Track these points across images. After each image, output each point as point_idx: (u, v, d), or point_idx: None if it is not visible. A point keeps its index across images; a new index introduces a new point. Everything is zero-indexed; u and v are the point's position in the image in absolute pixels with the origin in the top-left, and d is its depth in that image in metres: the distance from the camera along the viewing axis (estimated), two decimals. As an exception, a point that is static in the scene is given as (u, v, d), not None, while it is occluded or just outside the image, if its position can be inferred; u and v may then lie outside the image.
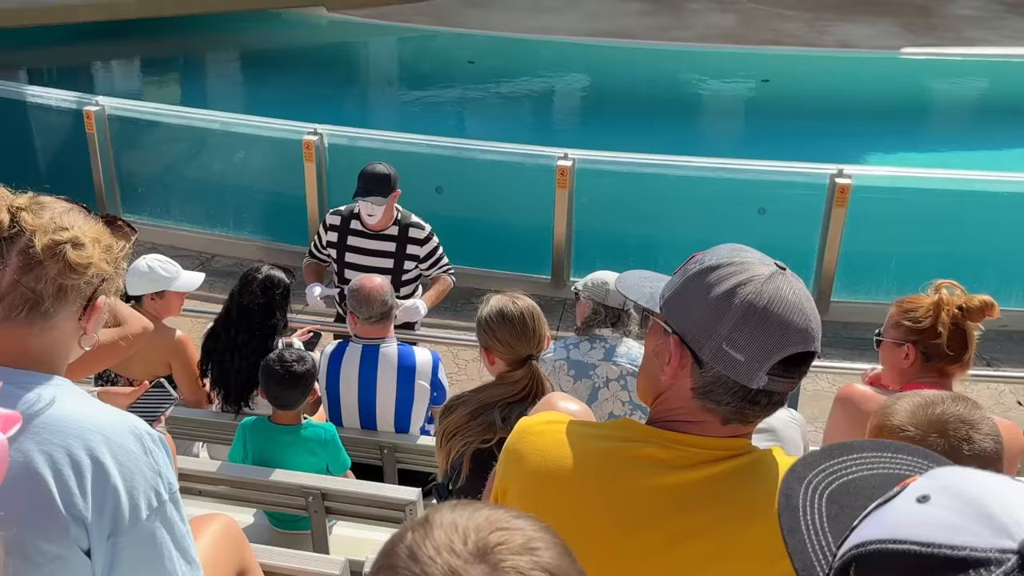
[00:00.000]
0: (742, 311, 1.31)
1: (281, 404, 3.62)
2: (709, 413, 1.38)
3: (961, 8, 15.23)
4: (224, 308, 4.14)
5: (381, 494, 3.32)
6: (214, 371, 4.09)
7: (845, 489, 0.97)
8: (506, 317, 2.91)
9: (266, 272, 4.08)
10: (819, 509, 0.96)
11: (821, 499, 0.96)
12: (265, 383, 3.63)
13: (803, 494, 0.97)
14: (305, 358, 3.64)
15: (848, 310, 6.91)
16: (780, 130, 11.13)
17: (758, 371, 1.31)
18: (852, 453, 1.02)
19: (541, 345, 2.96)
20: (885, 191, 7.31)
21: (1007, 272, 6.95)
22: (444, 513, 0.92)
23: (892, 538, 0.78)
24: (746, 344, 1.31)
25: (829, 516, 0.94)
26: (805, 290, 1.37)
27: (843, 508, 0.94)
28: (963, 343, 2.56)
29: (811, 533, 0.94)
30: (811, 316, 1.34)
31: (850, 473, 0.99)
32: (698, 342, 1.35)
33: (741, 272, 1.34)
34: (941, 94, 13.40)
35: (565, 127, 12.07)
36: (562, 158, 6.96)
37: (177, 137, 8.52)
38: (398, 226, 4.81)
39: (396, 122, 11.22)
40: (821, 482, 0.98)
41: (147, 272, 4.06)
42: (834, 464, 1.00)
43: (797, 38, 13.51)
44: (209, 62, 14.64)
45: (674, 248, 7.27)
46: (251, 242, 7.87)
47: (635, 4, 15.15)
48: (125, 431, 1.52)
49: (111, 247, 1.62)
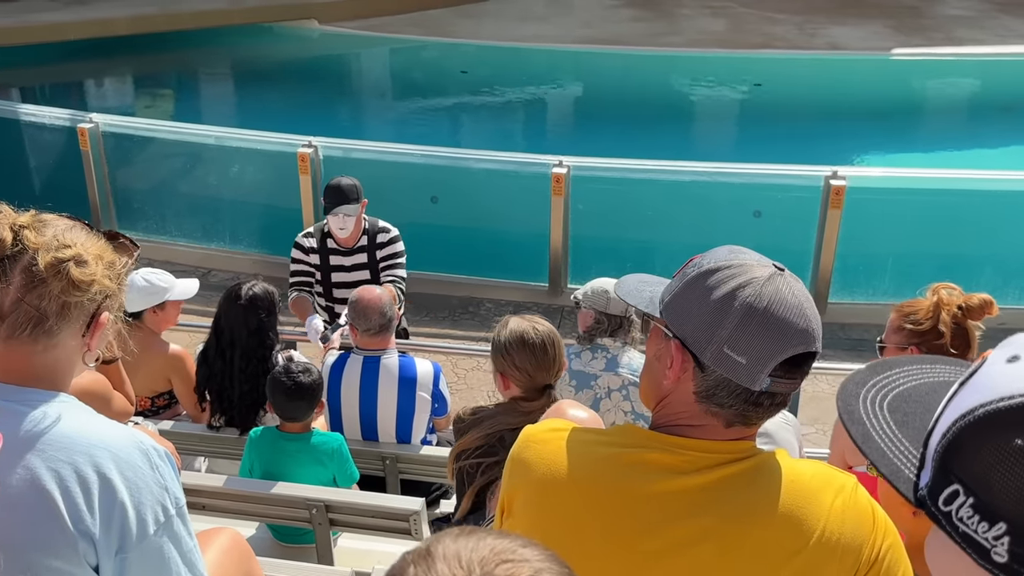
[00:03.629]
0: (742, 314, 1.31)
1: (289, 417, 3.60)
2: (712, 416, 1.38)
3: (950, 8, 15.29)
4: (213, 330, 4.04)
5: (385, 505, 3.31)
6: (214, 398, 4.04)
7: (901, 398, 0.99)
8: (527, 343, 2.78)
9: (247, 292, 3.97)
10: (884, 418, 0.97)
11: (882, 410, 0.98)
12: (272, 396, 3.60)
13: (863, 407, 0.99)
14: (311, 369, 3.62)
15: (845, 311, 6.93)
16: (774, 133, 11.16)
17: (760, 373, 1.32)
18: (895, 368, 1.05)
19: (560, 373, 2.86)
20: (880, 192, 7.33)
21: (1004, 270, 6.97)
22: (447, 543, 0.87)
23: (998, 397, 0.78)
24: (747, 346, 1.31)
25: (897, 423, 0.96)
26: (804, 290, 1.37)
27: (907, 415, 0.96)
28: (966, 342, 2.57)
29: (886, 440, 0.94)
30: (811, 316, 1.34)
31: (900, 384, 1.02)
32: (699, 345, 1.35)
33: (740, 275, 1.34)
34: (932, 94, 13.45)
35: (559, 134, 12.09)
36: (557, 165, 6.98)
37: (171, 152, 8.53)
38: (367, 235, 4.95)
39: (390, 133, 11.23)
40: (876, 395, 1.00)
41: (146, 286, 4.06)
42: (882, 379, 1.03)
43: (788, 41, 13.55)
44: (202, 77, 14.65)
45: (671, 253, 7.28)
46: (247, 256, 7.87)
47: (626, 11, 15.19)
48: (131, 447, 1.52)
49: (114, 263, 1.63)
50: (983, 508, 0.78)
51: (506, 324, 2.89)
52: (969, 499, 0.79)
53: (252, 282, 4.08)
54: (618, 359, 3.62)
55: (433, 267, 7.41)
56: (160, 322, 4.16)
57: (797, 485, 1.37)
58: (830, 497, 1.37)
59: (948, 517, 0.81)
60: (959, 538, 0.80)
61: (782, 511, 1.35)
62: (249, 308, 3.95)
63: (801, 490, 1.37)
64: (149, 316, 4.11)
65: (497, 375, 2.88)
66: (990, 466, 0.77)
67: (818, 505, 1.36)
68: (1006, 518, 0.76)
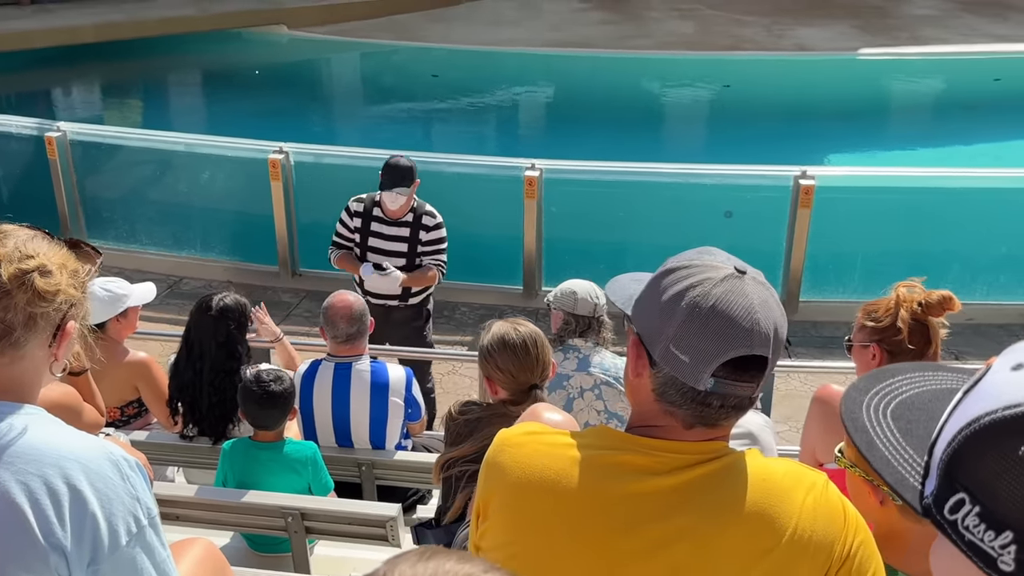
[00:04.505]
0: (687, 313, 1.33)
1: (261, 425, 3.58)
2: (671, 416, 1.39)
3: (916, 8, 15.48)
4: (183, 341, 4.01)
5: (361, 511, 3.30)
6: (186, 409, 4.01)
7: (904, 406, 0.99)
8: (508, 345, 2.78)
9: (218, 304, 3.94)
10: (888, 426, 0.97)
11: (885, 417, 0.98)
12: (244, 405, 3.58)
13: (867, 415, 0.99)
14: (283, 377, 3.61)
15: (817, 309, 6.99)
16: (743, 134, 11.25)
17: (703, 373, 1.32)
18: (897, 375, 1.05)
19: (545, 373, 2.84)
20: (848, 191, 7.41)
21: (972, 266, 7.06)
22: (403, 569, 0.84)
23: (1003, 405, 0.77)
24: (689, 345, 1.32)
25: (901, 431, 0.95)
26: (764, 295, 1.36)
27: (910, 423, 0.96)
28: (926, 338, 2.60)
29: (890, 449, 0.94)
30: (761, 320, 1.32)
31: (903, 392, 1.01)
32: (651, 342, 1.37)
33: (695, 275, 1.36)
34: (899, 93, 13.61)
35: (531, 137, 12.12)
36: (529, 168, 6.99)
37: (141, 160, 8.47)
38: (413, 213, 5.12)
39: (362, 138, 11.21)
40: (880, 403, 1.00)
41: (107, 296, 4.05)
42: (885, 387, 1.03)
43: (756, 43, 13.67)
44: (171, 84, 14.56)
45: (644, 254, 7.32)
46: (219, 263, 7.82)
47: (595, 14, 15.26)
48: (101, 458, 1.51)
49: (77, 271, 1.61)
50: (989, 517, 0.77)
51: (489, 328, 2.89)
52: (975, 508, 0.78)
53: (224, 293, 4.05)
54: (590, 359, 3.64)
55: (406, 272, 7.40)
56: (122, 330, 4.15)
57: (769, 484, 1.38)
58: (801, 495, 1.38)
59: (954, 526, 0.80)
60: (965, 547, 0.79)
61: (754, 510, 1.36)
62: (219, 319, 3.92)
63: (773, 489, 1.38)
64: (112, 325, 4.10)
65: (485, 380, 2.88)
66: (996, 475, 0.76)
67: (790, 503, 1.37)
68: (1013, 527, 0.76)
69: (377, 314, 4.90)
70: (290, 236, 7.54)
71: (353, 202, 5.22)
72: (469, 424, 2.75)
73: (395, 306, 5.22)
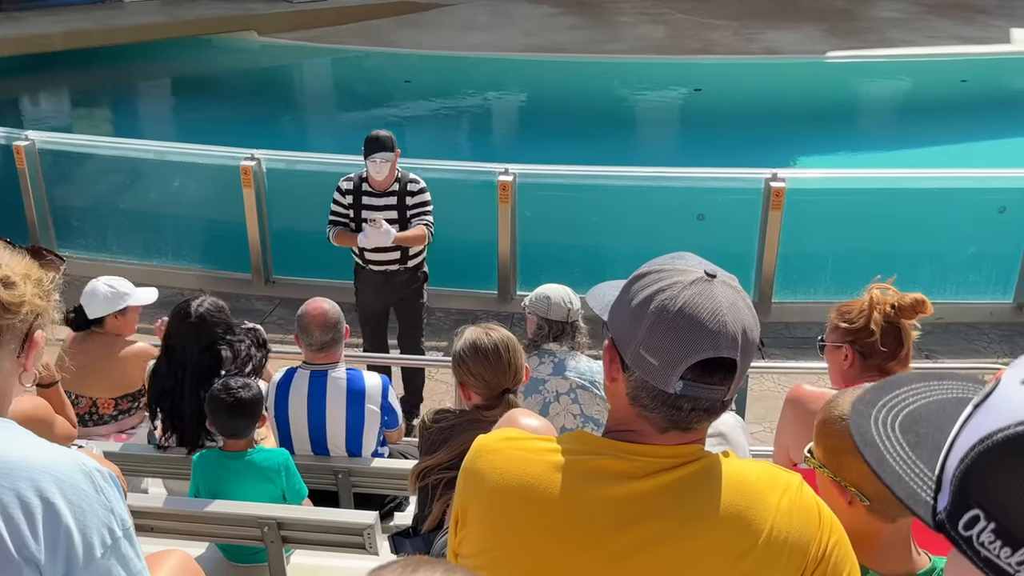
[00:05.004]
0: (655, 316, 1.34)
1: (231, 434, 3.56)
2: (644, 421, 1.40)
3: (883, 11, 15.66)
4: (163, 350, 3.99)
5: (338, 520, 3.29)
6: (165, 416, 3.97)
7: (912, 418, 0.99)
8: (479, 349, 2.78)
9: (197, 309, 3.93)
10: (897, 440, 0.96)
11: (894, 430, 0.97)
12: (213, 414, 3.56)
13: (875, 429, 0.98)
14: (251, 384, 3.59)
15: (789, 310, 7.05)
16: (715, 137, 11.33)
17: (671, 376, 1.33)
18: (903, 386, 1.04)
19: (518, 378, 2.83)
20: (818, 192, 7.48)
21: (941, 265, 7.15)
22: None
23: (1016, 422, 0.77)
24: (658, 348, 1.34)
25: (910, 444, 0.95)
26: (734, 298, 1.36)
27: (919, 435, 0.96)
28: (898, 340, 2.63)
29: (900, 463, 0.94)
30: (729, 323, 1.33)
31: (910, 403, 1.01)
32: (623, 346, 1.39)
33: (665, 279, 1.37)
34: (867, 95, 13.75)
35: (504, 142, 12.14)
36: (503, 173, 7.00)
37: (111, 168, 8.39)
38: (399, 182, 5.53)
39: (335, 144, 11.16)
40: (887, 416, 1.00)
41: (108, 292, 4.17)
42: (892, 399, 1.02)
43: (726, 47, 13.76)
44: (141, 91, 14.44)
45: (618, 258, 7.35)
46: (191, 271, 7.77)
47: (566, 19, 15.31)
48: (74, 469, 1.50)
49: (41, 280, 1.60)
50: (1005, 534, 0.77)
51: (461, 334, 2.89)
52: (990, 524, 0.78)
53: (200, 298, 4.03)
54: (565, 363, 3.65)
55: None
56: (121, 327, 4.27)
57: (744, 486, 1.40)
58: (776, 497, 1.40)
59: (969, 542, 0.80)
60: (981, 563, 0.79)
61: (731, 512, 1.37)
62: (200, 325, 3.91)
63: (748, 491, 1.39)
64: (111, 321, 4.23)
65: (459, 386, 2.88)
66: (1011, 492, 0.76)
67: (765, 505, 1.38)
68: None
69: (379, 279, 5.59)
70: (263, 243, 7.51)
71: (343, 182, 5.60)
72: (443, 432, 2.75)
73: (395, 270, 5.61)
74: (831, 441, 1.75)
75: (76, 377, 4.08)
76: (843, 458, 1.72)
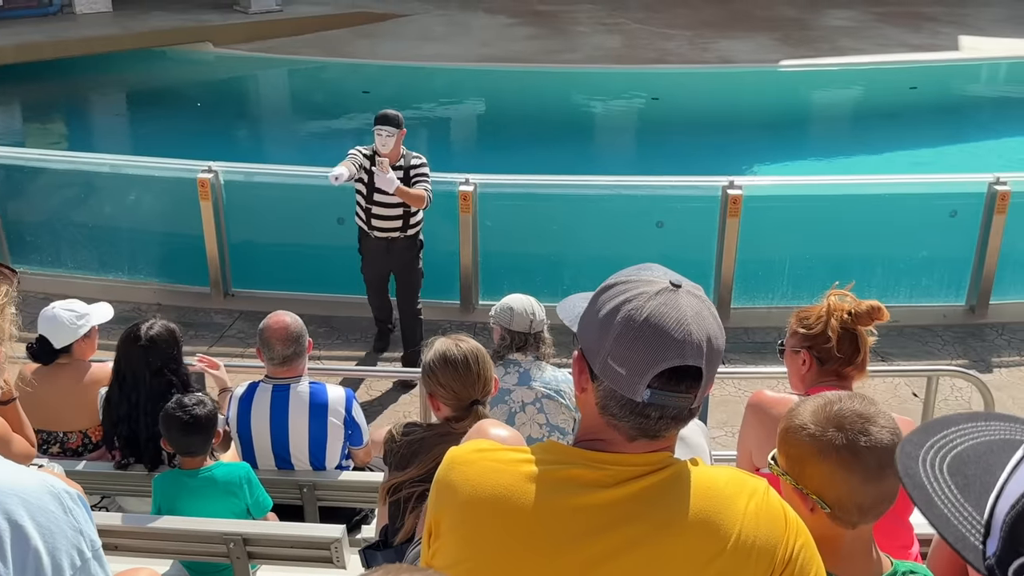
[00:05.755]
0: (622, 326, 1.37)
1: (186, 451, 3.54)
2: (614, 430, 1.43)
3: (833, 20, 15.93)
4: (114, 375, 3.93)
5: (305, 534, 3.27)
6: (122, 443, 3.91)
7: (960, 460, 0.98)
8: (449, 361, 2.79)
9: (147, 333, 3.88)
10: (945, 481, 0.95)
11: (942, 472, 0.97)
12: (168, 432, 3.53)
13: (924, 471, 0.97)
14: (205, 401, 3.56)
15: (747, 316, 7.13)
16: (672, 145, 11.44)
17: (638, 384, 1.36)
18: (950, 427, 1.03)
19: (487, 389, 2.85)
20: (774, 199, 7.58)
21: (894, 270, 7.28)
22: None
23: None
24: (625, 357, 1.36)
25: (959, 487, 0.94)
26: (699, 307, 1.40)
27: (967, 478, 0.95)
28: (854, 346, 2.69)
29: (948, 506, 0.93)
30: (694, 332, 1.36)
31: (958, 444, 1.00)
32: (591, 356, 1.42)
33: (631, 290, 1.40)
34: (820, 103, 13.98)
35: (464, 152, 12.15)
36: (463, 183, 7.01)
37: (65, 183, 8.27)
38: (403, 159, 6.19)
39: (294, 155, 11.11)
40: (934, 457, 0.99)
41: (71, 317, 4.03)
42: (939, 439, 1.01)
43: (681, 56, 13.91)
44: (95, 105, 14.23)
45: (578, 266, 7.40)
46: (148, 286, 7.67)
47: (523, 29, 15.38)
48: (42, 491, 1.48)
49: None
50: None
51: (431, 345, 2.90)
52: None
53: (151, 321, 3.98)
54: (530, 373, 3.66)
55: (342, 289, 7.35)
56: (87, 349, 4.15)
57: (712, 492, 1.42)
58: (744, 502, 1.43)
59: None
60: None
61: (699, 518, 1.40)
62: (150, 349, 3.85)
63: (716, 496, 1.42)
64: (78, 346, 4.09)
65: (428, 397, 2.89)
66: None
67: (733, 510, 1.41)
68: None
69: (381, 246, 6.25)
70: (221, 256, 7.44)
71: (360, 148, 6.30)
72: (412, 445, 2.75)
73: (396, 237, 6.24)
74: (793, 449, 1.78)
75: (54, 414, 4.02)
76: (805, 466, 1.76)
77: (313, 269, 7.53)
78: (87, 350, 4.14)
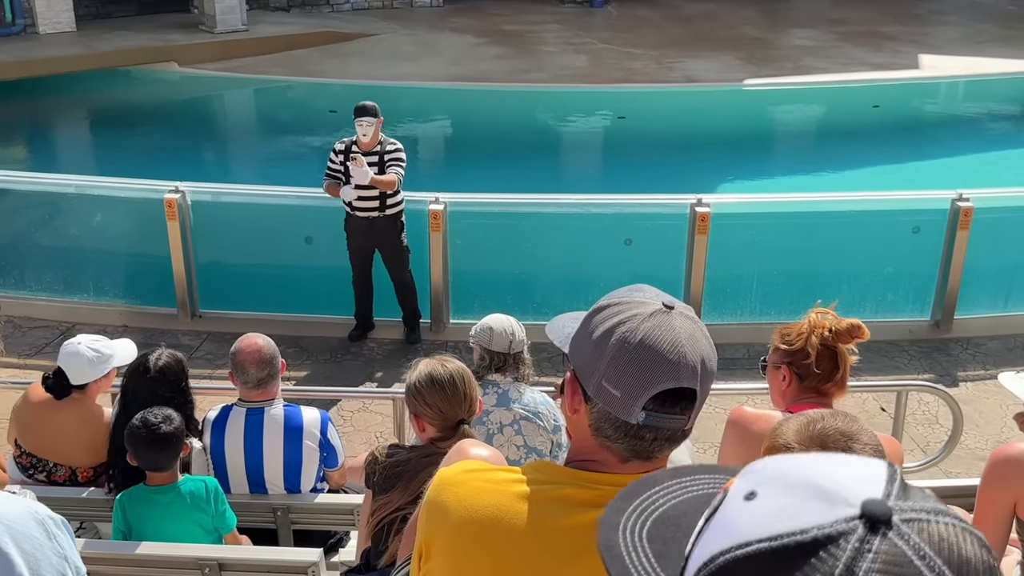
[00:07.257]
0: (616, 348, 1.37)
1: (153, 468, 3.52)
2: (607, 451, 1.43)
3: (796, 39, 16.17)
4: (121, 406, 3.85)
5: (282, 558, 3.24)
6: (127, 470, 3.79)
7: (660, 523, 0.92)
8: (435, 381, 2.79)
9: (156, 364, 3.84)
10: (644, 551, 0.89)
11: (641, 540, 0.91)
12: (134, 449, 3.49)
13: (623, 541, 0.91)
14: (172, 417, 3.53)
15: (716, 332, 6.95)
16: (640, 164, 11.53)
17: (633, 406, 1.37)
18: (652, 487, 0.98)
19: (473, 408, 2.85)
20: (742, 216, 7.67)
21: (859, 285, 7.37)
22: None
23: (736, 544, 0.74)
24: (619, 380, 1.37)
25: (656, 555, 0.88)
26: (692, 329, 1.40)
27: (666, 542, 0.89)
28: (833, 363, 2.73)
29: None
30: (688, 354, 1.37)
31: (661, 506, 0.95)
32: (585, 378, 1.42)
33: (624, 312, 1.41)
34: (785, 121, 14.17)
35: (433, 171, 12.16)
36: (433, 202, 7.02)
37: (29, 204, 8.17)
38: (380, 145, 6.71)
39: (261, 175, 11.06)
40: (635, 523, 0.93)
41: (94, 356, 3.96)
42: (640, 503, 0.96)
43: (647, 75, 14.04)
44: (59, 125, 14.06)
45: (549, 284, 7.42)
46: (114, 307, 7.58)
47: (491, 49, 15.45)
48: (26, 518, 1.47)
49: None
50: None
51: (416, 365, 2.89)
52: None
53: (158, 352, 3.93)
54: (509, 394, 3.66)
55: (310, 309, 7.33)
56: (102, 387, 4.11)
57: None
58: None
59: None
60: None
61: None
62: (160, 380, 3.81)
63: None
64: (94, 384, 4.03)
65: (412, 418, 2.87)
66: None
67: None
68: None
69: (363, 225, 6.70)
70: (188, 277, 7.38)
71: (337, 144, 6.80)
72: (396, 467, 2.74)
73: (376, 217, 6.68)
74: None
75: (52, 445, 3.96)
76: None
77: (282, 289, 7.49)
78: (103, 386, 4.11)
